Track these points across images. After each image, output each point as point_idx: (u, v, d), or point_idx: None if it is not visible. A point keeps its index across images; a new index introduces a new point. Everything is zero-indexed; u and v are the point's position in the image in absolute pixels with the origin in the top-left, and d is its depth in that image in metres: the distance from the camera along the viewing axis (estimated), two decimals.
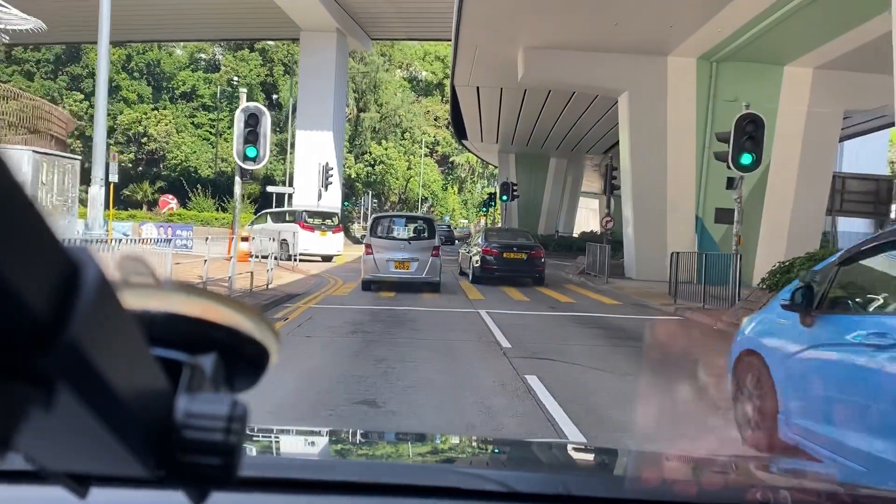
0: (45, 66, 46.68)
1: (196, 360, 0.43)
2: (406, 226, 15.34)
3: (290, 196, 29.38)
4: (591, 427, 4.69)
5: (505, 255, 16.71)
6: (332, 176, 27.39)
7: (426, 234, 14.78)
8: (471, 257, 17.83)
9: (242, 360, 0.47)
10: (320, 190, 26.29)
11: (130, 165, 45.43)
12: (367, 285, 14.00)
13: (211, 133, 48.67)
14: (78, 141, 40.50)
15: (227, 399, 0.41)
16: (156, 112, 47.75)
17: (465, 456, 1.44)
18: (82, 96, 45.44)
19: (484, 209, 47.75)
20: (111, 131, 41.86)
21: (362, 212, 50.88)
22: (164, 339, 0.42)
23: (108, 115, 35.84)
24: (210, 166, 47.87)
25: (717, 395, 4.69)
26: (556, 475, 1.05)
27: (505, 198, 33.47)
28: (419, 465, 1.26)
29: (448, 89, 36.47)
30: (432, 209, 62.78)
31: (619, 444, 4.14)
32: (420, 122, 59.17)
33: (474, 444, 1.82)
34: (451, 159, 65.68)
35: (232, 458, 0.39)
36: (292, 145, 33.96)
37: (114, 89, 43.81)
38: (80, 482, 0.40)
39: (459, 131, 37.27)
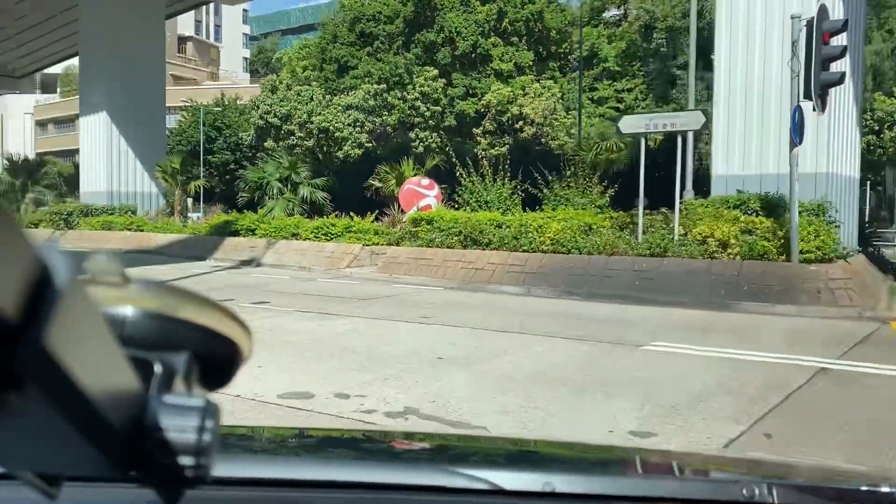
0: (396, 41, 37.49)
1: (168, 359, 0.43)
2: None
3: None
4: None
5: None
6: None
7: None
8: None
9: (215, 358, 0.48)
10: None
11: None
12: None
13: (618, 109, 33.29)
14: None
15: (199, 398, 0.41)
16: (537, 85, 34.61)
17: (449, 453, 1.45)
18: (435, 72, 36.03)
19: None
20: (475, 116, 34.33)
21: None
22: (135, 338, 0.42)
23: (471, 94, 34.33)
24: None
25: None
26: (542, 473, 1.07)
27: None
28: (403, 462, 1.26)
29: None
30: None
31: (603, 442, 4.22)
32: None
33: (459, 441, 1.84)
34: None
35: (205, 458, 0.40)
36: None
37: (480, 59, 34.66)
38: (50, 483, 0.40)
39: None
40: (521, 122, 34.47)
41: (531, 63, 36.88)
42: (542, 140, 35.75)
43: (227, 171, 41.06)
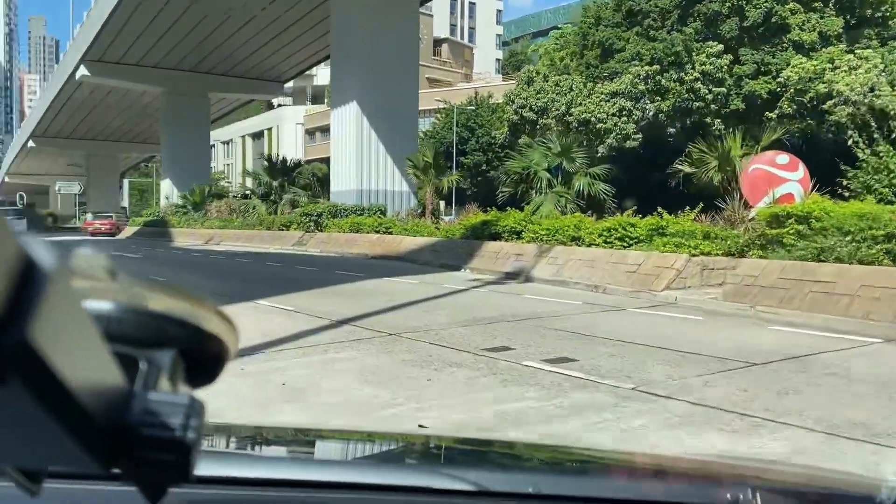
0: (670, 16, 33.86)
1: (153, 356, 0.43)
2: None
3: None
4: None
5: None
6: None
7: None
8: None
9: (201, 356, 0.47)
10: None
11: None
12: None
13: None
14: None
15: (184, 396, 0.41)
16: (851, 56, 28.55)
17: (435, 454, 1.45)
18: (719, 47, 31.51)
19: None
20: (768, 98, 30.53)
21: None
22: (120, 334, 0.42)
23: (764, 72, 29.92)
24: None
25: None
26: (528, 474, 1.11)
27: None
28: (388, 463, 1.28)
29: None
30: None
31: (591, 444, 3.67)
32: None
33: (445, 442, 1.81)
34: None
35: (188, 456, 0.40)
36: None
37: (774, 30, 30.82)
38: (32, 479, 0.40)
39: None
40: (830, 102, 28.43)
41: (840, 31, 31.33)
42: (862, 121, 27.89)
43: (479, 171, 39.41)
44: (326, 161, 46.29)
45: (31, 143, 60.80)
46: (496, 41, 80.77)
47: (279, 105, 64.52)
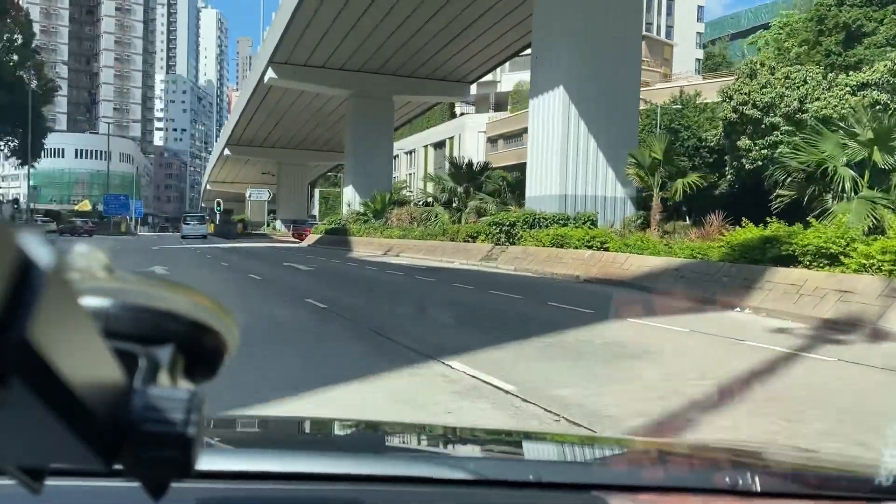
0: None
1: (153, 351, 0.43)
2: None
3: None
4: None
5: None
6: None
7: None
8: None
9: (201, 350, 0.46)
10: None
11: None
12: None
13: None
14: None
15: (184, 391, 0.41)
16: None
17: (435, 444, 1.46)
18: None
19: None
20: None
21: None
22: (119, 330, 0.42)
23: None
24: None
25: None
26: (527, 463, 1.11)
27: None
28: (388, 453, 1.27)
29: None
30: None
31: (588, 432, 3.68)
32: None
33: (444, 432, 1.81)
34: None
35: (190, 450, 0.40)
36: None
37: None
38: (34, 477, 0.40)
39: None
40: None
41: None
42: None
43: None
44: (509, 169, 43.48)
45: (227, 151, 63.28)
46: (696, 39, 74.26)
47: (461, 114, 63.20)
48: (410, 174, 66.26)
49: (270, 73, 37.07)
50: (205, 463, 0.43)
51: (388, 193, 34.82)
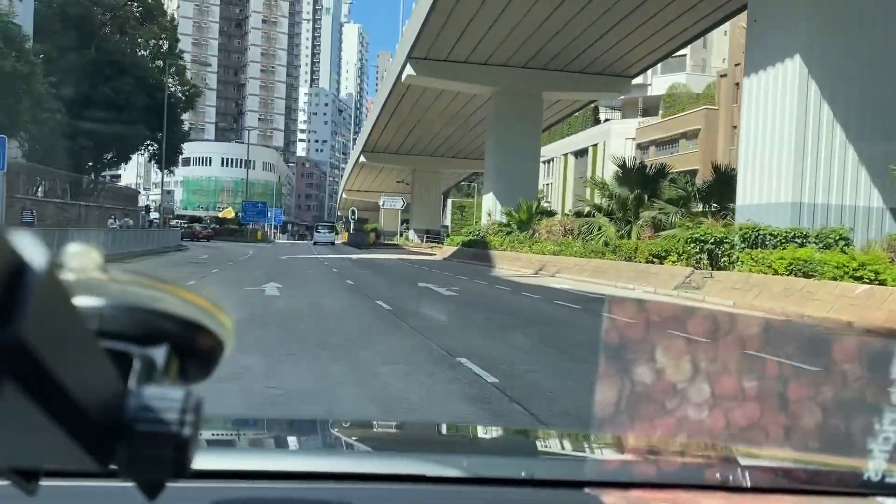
0: None
1: (147, 352, 0.43)
2: None
3: None
4: None
5: None
6: None
7: None
8: None
9: (195, 351, 0.46)
10: None
11: None
12: None
13: None
14: None
15: (180, 391, 0.41)
16: None
17: (429, 442, 1.45)
18: None
19: None
20: None
21: None
22: (113, 331, 0.41)
23: None
24: None
25: None
26: (520, 460, 1.11)
27: None
28: (381, 451, 1.27)
29: None
30: None
31: (580, 428, 3.61)
32: None
33: (438, 429, 1.81)
34: None
35: (185, 451, 0.39)
36: None
37: None
38: (28, 478, 0.40)
39: None
40: None
41: None
42: None
43: None
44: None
45: (362, 158, 61.63)
46: None
47: (606, 119, 58.21)
48: (548, 184, 61.81)
49: (409, 70, 33.93)
50: (199, 462, 0.42)
51: (536, 202, 30.59)
